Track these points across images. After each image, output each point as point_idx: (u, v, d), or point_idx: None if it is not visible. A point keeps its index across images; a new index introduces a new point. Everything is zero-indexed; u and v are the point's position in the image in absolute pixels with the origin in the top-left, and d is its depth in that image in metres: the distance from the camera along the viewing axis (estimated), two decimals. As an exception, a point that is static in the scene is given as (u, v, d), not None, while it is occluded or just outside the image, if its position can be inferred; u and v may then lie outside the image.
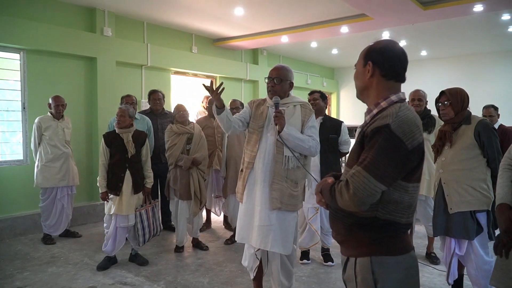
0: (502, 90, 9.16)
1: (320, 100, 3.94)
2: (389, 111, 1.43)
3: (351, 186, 1.38)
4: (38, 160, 4.62)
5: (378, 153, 1.37)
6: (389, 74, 1.53)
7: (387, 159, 1.36)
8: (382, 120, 1.40)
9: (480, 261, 2.77)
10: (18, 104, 5.20)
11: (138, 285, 3.51)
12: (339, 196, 1.43)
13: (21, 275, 3.70)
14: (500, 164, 2.22)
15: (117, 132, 3.81)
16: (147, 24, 6.71)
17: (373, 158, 1.37)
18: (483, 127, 2.71)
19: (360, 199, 1.37)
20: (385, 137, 1.37)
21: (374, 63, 1.53)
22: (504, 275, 2.01)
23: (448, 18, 6.10)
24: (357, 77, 1.61)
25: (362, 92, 1.61)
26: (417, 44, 8.63)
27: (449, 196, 2.79)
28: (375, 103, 1.53)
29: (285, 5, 5.80)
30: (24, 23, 5.00)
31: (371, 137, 1.40)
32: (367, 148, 1.40)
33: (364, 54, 1.58)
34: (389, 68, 1.53)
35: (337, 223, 1.57)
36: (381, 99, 1.51)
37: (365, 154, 1.40)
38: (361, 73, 1.58)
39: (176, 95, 7.41)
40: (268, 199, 2.73)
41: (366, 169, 1.37)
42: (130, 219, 3.83)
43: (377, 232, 1.46)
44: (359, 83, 1.61)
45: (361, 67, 1.58)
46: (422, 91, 4.00)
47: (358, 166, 1.39)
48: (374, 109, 1.53)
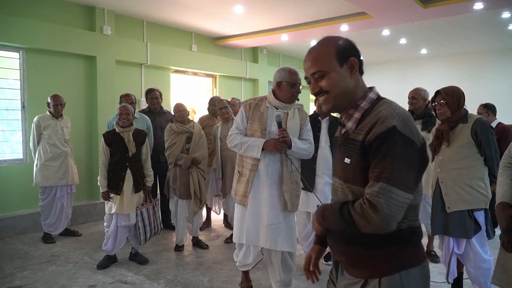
0: (502, 88, 9.15)
1: None
2: (384, 111, 1.28)
3: (379, 207, 1.19)
4: (38, 159, 4.61)
5: (395, 160, 1.21)
6: (361, 69, 1.39)
7: (406, 164, 1.22)
8: (384, 123, 1.24)
9: (479, 260, 2.77)
10: (17, 103, 5.19)
11: (138, 284, 3.51)
12: (362, 220, 1.23)
13: (21, 274, 3.70)
14: (501, 162, 2.22)
15: (118, 131, 3.80)
16: (147, 23, 6.70)
17: (392, 168, 1.20)
18: (480, 126, 2.70)
19: (393, 218, 1.21)
20: (397, 141, 1.22)
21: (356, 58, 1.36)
22: (505, 274, 2.01)
23: (448, 16, 6.09)
24: (336, 84, 1.34)
25: (341, 100, 1.36)
26: (417, 42, 8.62)
27: (447, 195, 2.79)
28: (354, 106, 1.36)
29: (285, 3, 5.78)
30: (24, 22, 4.99)
31: (380, 145, 1.23)
32: (380, 158, 1.22)
33: (336, 53, 1.34)
34: (361, 61, 1.39)
35: (349, 247, 1.38)
36: (360, 99, 1.36)
37: (380, 166, 1.22)
38: (341, 75, 1.34)
39: (176, 93, 7.40)
40: (278, 200, 2.81)
41: (390, 183, 1.20)
42: (131, 218, 3.83)
43: (403, 244, 1.31)
44: (341, 89, 1.35)
45: (338, 70, 1.34)
46: (420, 90, 3.97)
47: (380, 182, 1.20)
48: (355, 112, 1.36)
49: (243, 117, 2.92)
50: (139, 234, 3.88)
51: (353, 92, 1.36)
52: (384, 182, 1.20)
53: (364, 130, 1.29)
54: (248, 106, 2.92)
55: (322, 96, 1.37)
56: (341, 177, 1.40)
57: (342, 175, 1.38)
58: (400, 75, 10.70)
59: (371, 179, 1.24)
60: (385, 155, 1.22)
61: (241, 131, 2.91)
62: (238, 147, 2.84)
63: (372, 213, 1.20)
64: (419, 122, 3.94)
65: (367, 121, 1.30)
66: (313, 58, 1.39)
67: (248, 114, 2.90)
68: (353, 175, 1.33)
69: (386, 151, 1.22)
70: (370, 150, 1.26)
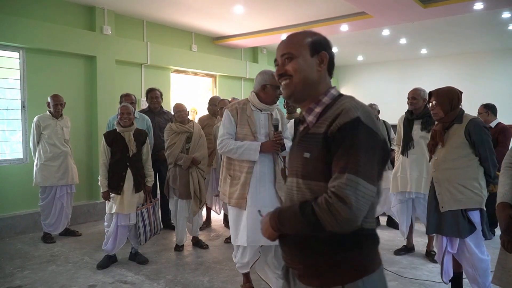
0: (502, 88, 9.15)
1: None
2: (347, 103, 1.25)
3: (348, 200, 1.12)
4: (37, 159, 4.61)
5: (361, 151, 1.16)
6: (331, 69, 1.41)
7: (371, 156, 1.18)
8: (348, 114, 1.20)
9: (475, 260, 2.78)
10: (17, 102, 5.19)
11: (138, 283, 3.51)
12: (329, 216, 1.14)
13: (21, 274, 3.70)
14: (503, 162, 2.22)
15: (118, 131, 3.80)
16: (147, 23, 6.70)
17: (358, 159, 1.15)
18: (474, 126, 2.71)
19: (361, 213, 1.15)
20: (361, 132, 1.18)
21: (328, 54, 1.36)
22: (505, 274, 2.01)
23: (448, 16, 6.09)
24: (301, 70, 1.33)
25: (302, 88, 1.34)
26: (417, 42, 8.61)
27: (441, 195, 2.81)
28: (316, 101, 1.34)
29: (285, 3, 5.79)
30: (24, 22, 4.99)
31: (344, 135, 1.18)
32: (345, 149, 1.17)
33: (311, 43, 1.35)
34: (333, 63, 1.40)
35: (306, 253, 1.28)
36: (322, 95, 1.34)
37: (346, 157, 1.16)
38: (309, 64, 1.33)
39: (176, 93, 7.40)
40: (276, 198, 2.92)
41: (357, 174, 1.14)
42: (132, 217, 3.83)
43: (363, 248, 1.26)
44: (304, 77, 1.33)
45: (307, 58, 1.33)
46: (420, 90, 3.97)
47: (346, 173, 1.15)
48: (316, 107, 1.33)
49: (231, 122, 2.95)
50: (139, 234, 3.88)
51: (316, 85, 1.35)
52: (351, 173, 1.14)
53: (327, 122, 1.25)
54: (235, 110, 2.96)
55: (285, 80, 1.35)
56: (298, 174, 1.32)
57: (300, 172, 1.31)
58: (400, 75, 10.69)
59: (335, 171, 1.18)
60: (350, 146, 1.17)
61: (231, 136, 2.94)
62: (233, 151, 2.87)
63: (341, 207, 1.13)
64: (418, 122, 3.95)
65: (329, 114, 1.27)
66: (287, 41, 1.38)
67: (236, 119, 2.94)
68: (313, 169, 1.26)
69: (351, 142, 1.17)
70: (333, 142, 1.21)
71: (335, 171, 1.19)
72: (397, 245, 4.49)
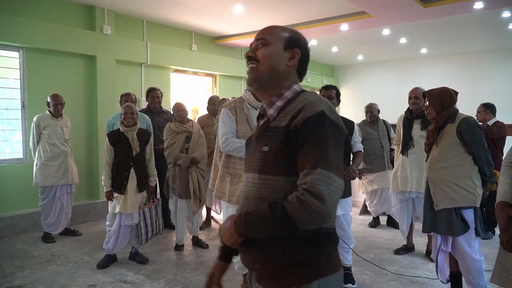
0: (503, 88, 9.15)
1: (335, 100, 3.56)
2: (310, 97, 1.25)
3: (322, 195, 1.09)
4: (37, 159, 4.61)
5: (329, 145, 1.15)
6: (303, 71, 1.40)
7: (338, 150, 1.17)
8: (313, 107, 1.19)
9: (467, 259, 2.78)
10: (17, 102, 5.19)
11: (138, 283, 3.51)
12: (304, 213, 1.10)
13: (21, 274, 3.70)
14: (503, 161, 2.22)
15: (122, 131, 3.80)
16: (147, 22, 6.70)
17: (328, 153, 1.13)
18: (465, 125, 2.73)
19: (335, 206, 1.13)
20: (328, 125, 1.17)
21: (301, 53, 1.35)
22: (504, 272, 2.01)
23: (449, 15, 6.09)
24: (270, 58, 1.31)
25: (266, 77, 1.32)
26: (417, 42, 8.61)
27: (435, 194, 2.84)
28: (278, 94, 1.32)
29: (285, 3, 5.79)
30: (24, 21, 4.99)
31: (310, 129, 1.16)
32: (313, 143, 1.15)
33: (288, 37, 1.35)
34: (305, 66, 1.40)
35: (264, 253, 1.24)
36: (285, 89, 1.33)
37: (315, 151, 1.14)
38: (279, 55, 1.32)
39: (176, 93, 7.40)
40: None
41: (329, 168, 1.12)
42: (135, 217, 3.83)
43: (321, 248, 1.21)
44: (271, 65, 1.31)
45: (280, 49, 1.33)
46: (421, 89, 3.97)
47: (317, 168, 1.11)
48: (278, 101, 1.32)
49: (232, 120, 2.96)
50: (140, 234, 3.88)
51: (281, 78, 1.33)
52: (323, 168, 1.11)
53: (289, 116, 1.22)
54: (234, 109, 2.98)
55: (252, 63, 1.33)
56: (255, 169, 1.28)
57: (258, 167, 1.27)
58: (400, 75, 10.69)
59: (305, 166, 1.14)
60: (319, 140, 1.15)
61: (234, 134, 2.94)
62: (238, 149, 2.86)
63: (314, 203, 1.09)
64: (418, 121, 3.95)
65: (291, 107, 1.25)
66: (267, 29, 1.38)
67: (236, 117, 2.96)
68: (272, 163, 1.23)
69: (319, 136, 1.15)
70: (298, 136, 1.17)
71: (304, 166, 1.14)
72: (397, 245, 4.49)
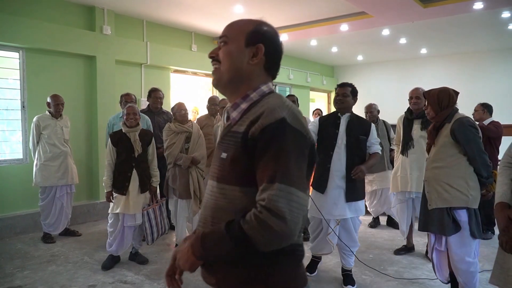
0: (502, 88, 9.14)
1: (351, 97, 3.37)
2: (271, 102, 1.14)
3: (281, 213, 0.98)
4: (37, 159, 4.61)
5: (290, 157, 1.04)
6: (272, 68, 1.25)
7: (300, 161, 1.07)
8: (272, 114, 1.08)
9: (457, 259, 2.78)
10: (17, 103, 5.19)
11: (138, 283, 3.51)
12: (262, 234, 1.00)
13: (21, 274, 3.70)
14: (500, 161, 2.23)
15: (124, 131, 3.80)
16: (147, 22, 6.70)
17: (288, 166, 1.03)
18: (458, 125, 2.72)
19: (297, 226, 1.02)
20: (288, 135, 1.06)
21: (265, 49, 1.21)
22: (503, 273, 2.01)
23: (448, 15, 6.09)
24: (229, 58, 1.20)
25: (232, 79, 1.21)
26: (417, 42, 8.61)
27: (429, 193, 2.85)
28: (243, 95, 1.21)
29: (285, 3, 5.79)
30: (24, 22, 4.99)
31: (269, 139, 1.05)
32: (272, 155, 1.04)
33: (250, 32, 1.21)
34: (275, 61, 1.25)
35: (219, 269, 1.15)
36: (251, 90, 1.20)
37: (274, 164, 1.03)
38: (239, 54, 1.20)
39: (176, 93, 7.40)
40: None
41: (289, 183, 1.01)
42: (137, 218, 3.83)
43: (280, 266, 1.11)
44: (231, 66, 1.20)
45: (240, 46, 1.20)
46: (421, 89, 3.98)
47: (276, 183, 1.01)
48: (242, 103, 1.20)
49: None
50: (146, 234, 3.88)
51: (245, 78, 1.21)
52: (282, 183, 1.01)
53: (248, 121, 1.12)
54: None
55: (214, 64, 1.24)
56: (214, 177, 1.20)
57: (216, 174, 1.19)
58: (400, 75, 10.69)
59: (263, 181, 1.04)
60: (278, 152, 1.04)
61: None
62: None
63: (274, 222, 0.98)
64: (418, 121, 3.96)
65: (252, 111, 1.15)
66: (230, 24, 1.26)
67: None
68: (229, 172, 1.13)
69: (278, 147, 1.04)
70: (256, 145, 1.07)
71: (262, 180, 1.04)
72: (397, 245, 4.49)
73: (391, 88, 10.64)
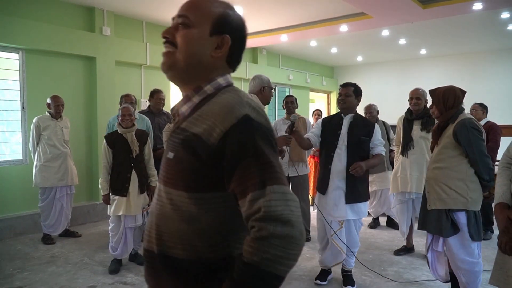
0: (502, 89, 9.16)
1: (353, 97, 3.33)
2: (229, 98, 1.00)
3: (284, 216, 0.87)
4: (37, 160, 4.61)
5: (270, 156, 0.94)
6: (236, 60, 1.12)
7: (276, 157, 0.97)
8: (232, 114, 0.95)
9: (457, 261, 2.77)
10: (17, 104, 5.19)
11: (138, 284, 3.50)
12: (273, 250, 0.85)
13: (21, 275, 3.70)
14: (499, 162, 2.22)
15: (120, 132, 3.78)
16: (146, 24, 6.70)
17: (272, 165, 0.93)
18: (460, 127, 2.66)
19: (302, 224, 0.91)
20: (256, 132, 0.95)
21: (231, 41, 1.07)
22: (503, 274, 2.01)
23: (448, 16, 6.09)
24: (190, 45, 1.04)
25: (189, 69, 1.05)
26: (416, 43, 8.62)
27: (429, 193, 2.84)
28: (196, 88, 1.06)
29: (285, 4, 5.79)
30: (23, 23, 4.99)
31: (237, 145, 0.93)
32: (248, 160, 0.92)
33: (217, 18, 1.05)
34: (239, 54, 1.12)
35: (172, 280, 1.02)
36: (205, 82, 1.06)
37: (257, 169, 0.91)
38: (203, 42, 1.05)
39: (176, 94, 7.40)
40: None
41: (279, 182, 0.91)
42: (138, 219, 3.82)
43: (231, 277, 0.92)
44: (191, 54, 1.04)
45: (205, 34, 1.05)
46: (421, 90, 3.99)
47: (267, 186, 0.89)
48: (194, 96, 1.06)
49: None
50: None
51: (203, 70, 1.06)
52: (274, 184, 0.90)
53: (202, 122, 0.98)
54: None
55: (168, 47, 1.07)
56: (161, 179, 1.07)
57: (163, 177, 1.06)
58: (399, 75, 10.71)
59: (248, 190, 0.90)
60: (255, 155, 0.92)
61: None
62: None
63: (283, 230, 0.85)
64: (418, 122, 3.96)
65: (206, 109, 1.01)
66: (194, 3, 1.08)
67: None
68: (176, 174, 1.01)
69: (253, 150, 0.92)
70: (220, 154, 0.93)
71: (246, 191, 0.90)
72: (397, 245, 4.49)
73: (390, 89, 10.65)
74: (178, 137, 1.02)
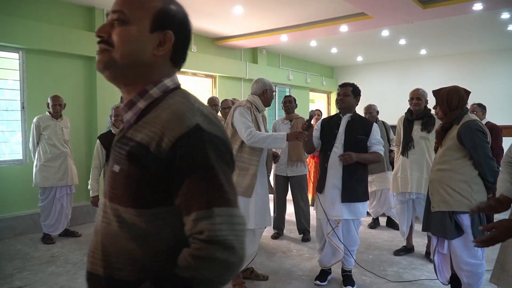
0: (502, 89, 9.16)
1: (352, 97, 3.33)
2: (178, 105, 0.91)
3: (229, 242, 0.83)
4: (37, 160, 4.61)
5: (219, 173, 0.87)
6: (180, 58, 1.03)
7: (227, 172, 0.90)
8: (182, 123, 0.87)
9: (461, 262, 2.75)
10: (17, 103, 5.19)
11: (138, 284, 3.50)
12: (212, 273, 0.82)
13: (20, 275, 3.70)
14: (502, 160, 2.20)
15: (114, 133, 3.78)
16: (146, 23, 6.70)
17: (220, 183, 0.86)
18: (464, 129, 2.63)
19: (244, 249, 0.86)
20: (207, 144, 0.87)
21: (175, 37, 0.98)
22: (503, 273, 2.01)
23: (448, 16, 6.09)
24: (131, 43, 0.94)
25: (128, 70, 0.96)
26: (416, 43, 8.62)
27: (432, 195, 2.82)
28: (140, 91, 0.97)
29: (285, 4, 5.79)
30: (23, 23, 4.99)
31: (184, 158, 0.85)
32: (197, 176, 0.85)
33: (157, 12, 0.96)
34: (184, 51, 1.03)
35: None
36: (151, 84, 0.97)
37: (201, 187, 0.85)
38: (144, 40, 0.95)
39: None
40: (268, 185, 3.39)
41: (226, 203, 0.85)
42: None
43: None
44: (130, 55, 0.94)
45: (144, 31, 0.95)
46: (422, 90, 3.99)
47: (212, 208, 0.84)
48: (139, 100, 0.97)
49: (250, 119, 3.19)
50: None
51: (145, 70, 0.97)
52: (221, 206, 0.84)
53: (148, 130, 0.90)
54: (249, 109, 3.23)
55: (103, 46, 0.96)
56: (106, 194, 0.97)
57: (108, 191, 0.96)
58: (399, 76, 10.71)
59: (193, 208, 0.84)
60: (204, 170, 0.85)
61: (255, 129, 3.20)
62: (262, 140, 3.07)
63: (223, 255, 0.82)
64: (418, 122, 3.96)
65: (153, 115, 0.92)
66: None
67: (251, 117, 3.22)
68: (122, 189, 0.91)
69: (202, 164, 0.85)
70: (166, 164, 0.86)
71: (191, 208, 0.85)
72: (397, 246, 4.49)
73: (390, 89, 10.65)
74: (123, 147, 0.93)
